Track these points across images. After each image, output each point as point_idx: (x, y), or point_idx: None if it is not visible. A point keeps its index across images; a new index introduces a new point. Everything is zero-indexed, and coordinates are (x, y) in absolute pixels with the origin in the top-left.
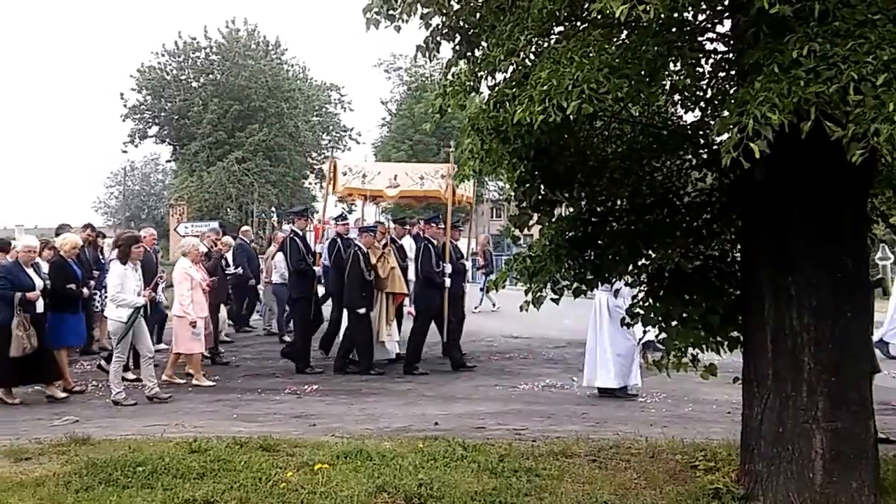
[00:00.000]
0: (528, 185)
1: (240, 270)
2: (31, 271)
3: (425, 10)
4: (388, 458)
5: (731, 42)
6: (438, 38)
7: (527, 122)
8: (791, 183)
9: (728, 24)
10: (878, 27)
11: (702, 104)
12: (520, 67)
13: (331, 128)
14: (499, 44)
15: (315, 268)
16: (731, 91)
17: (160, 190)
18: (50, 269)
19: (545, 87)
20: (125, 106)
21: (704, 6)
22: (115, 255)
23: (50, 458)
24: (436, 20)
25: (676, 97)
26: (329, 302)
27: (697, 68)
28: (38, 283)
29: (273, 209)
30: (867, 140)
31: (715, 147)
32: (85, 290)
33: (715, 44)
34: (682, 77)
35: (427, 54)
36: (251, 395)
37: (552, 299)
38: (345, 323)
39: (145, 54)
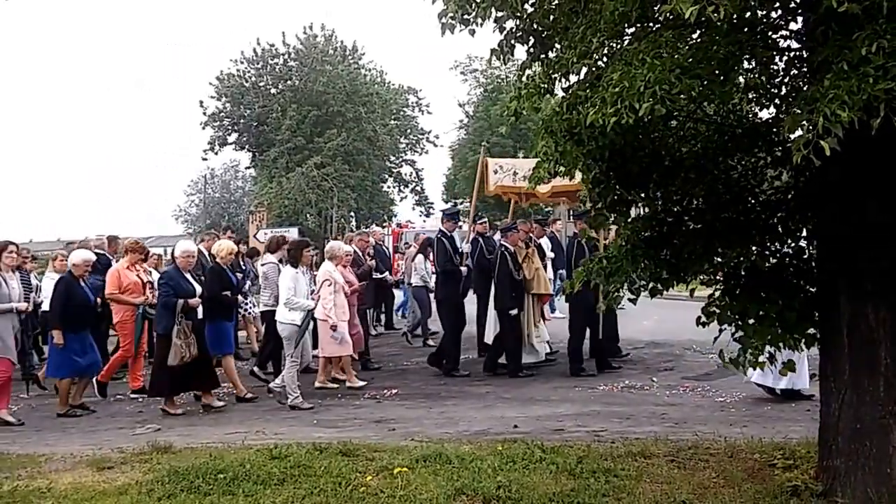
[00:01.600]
0: (603, 185)
1: (387, 274)
2: (189, 277)
3: (499, 14)
4: (467, 461)
5: (804, 39)
6: (512, 41)
7: (600, 124)
8: (866, 178)
9: (800, 21)
10: None
11: (776, 101)
12: (592, 69)
13: (408, 131)
14: (571, 46)
15: (462, 268)
16: (803, 89)
17: (240, 197)
18: (207, 276)
19: (617, 89)
20: (205, 114)
21: (776, 4)
22: (287, 260)
23: (132, 467)
24: (510, 23)
25: (751, 95)
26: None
27: (771, 66)
28: (198, 289)
29: (352, 214)
30: None
31: (788, 145)
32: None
33: (788, 41)
34: (755, 75)
35: (501, 57)
36: (331, 399)
37: (629, 299)
38: (491, 324)
39: (224, 62)
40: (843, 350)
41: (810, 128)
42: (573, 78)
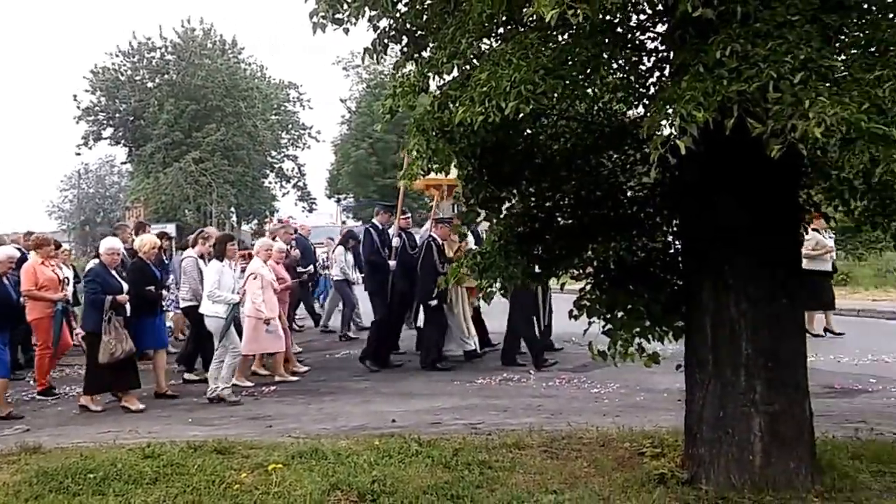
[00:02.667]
0: (475, 182)
1: (311, 269)
2: (115, 273)
3: (372, 13)
4: (343, 457)
5: (665, 42)
6: (386, 41)
7: (468, 123)
8: (728, 176)
9: (664, 24)
10: (796, 28)
11: (644, 101)
12: (462, 69)
13: (290, 126)
14: (442, 46)
15: (390, 262)
16: (660, 90)
17: (116, 192)
18: (129, 272)
19: (485, 89)
20: (79, 108)
21: (639, 8)
22: (212, 254)
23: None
24: (383, 22)
25: (620, 94)
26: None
27: (639, 66)
28: (125, 286)
29: (232, 209)
30: (785, 136)
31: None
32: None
33: (655, 43)
34: (624, 75)
35: (375, 56)
36: (197, 398)
37: (501, 294)
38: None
39: (99, 55)
40: (706, 342)
41: (668, 127)
42: (447, 77)
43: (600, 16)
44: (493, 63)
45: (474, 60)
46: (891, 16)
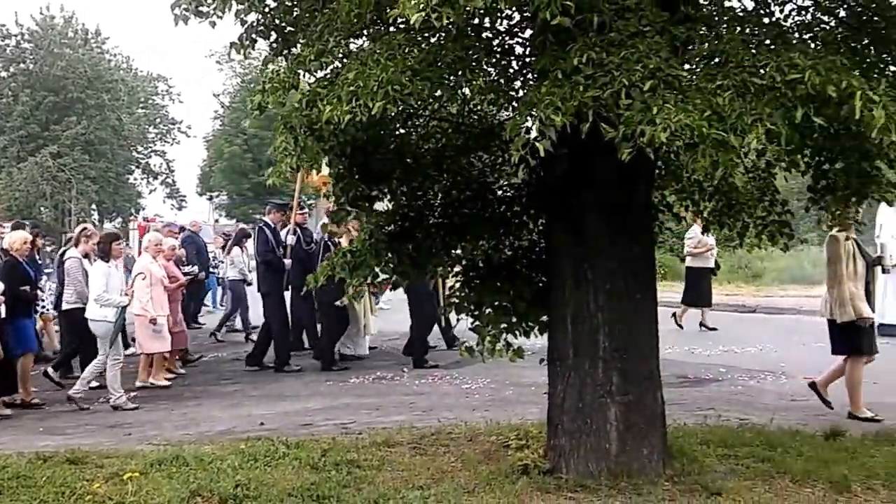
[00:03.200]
0: (345, 181)
1: (195, 269)
2: None
3: (239, 7)
4: (206, 462)
5: (529, 48)
6: (254, 35)
7: (336, 121)
8: (587, 178)
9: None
10: (647, 38)
11: (513, 103)
12: (331, 68)
13: (158, 120)
14: (310, 44)
15: (285, 260)
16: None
17: None
18: (1, 271)
19: (352, 88)
20: None
21: (500, 16)
22: (97, 254)
23: None
24: (251, 17)
25: (490, 96)
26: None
27: (509, 69)
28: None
29: (94, 207)
30: (635, 140)
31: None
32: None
33: (525, 48)
34: (493, 77)
35: (242, 51)
36: (61, 405)
37: (371, 292)
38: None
39: None
40: (567, 336)
41: (526, 130)
42: (319, 74)
43: (465, 20)
44: (362, 63)
45: (343, 59)
46: (737, 30)
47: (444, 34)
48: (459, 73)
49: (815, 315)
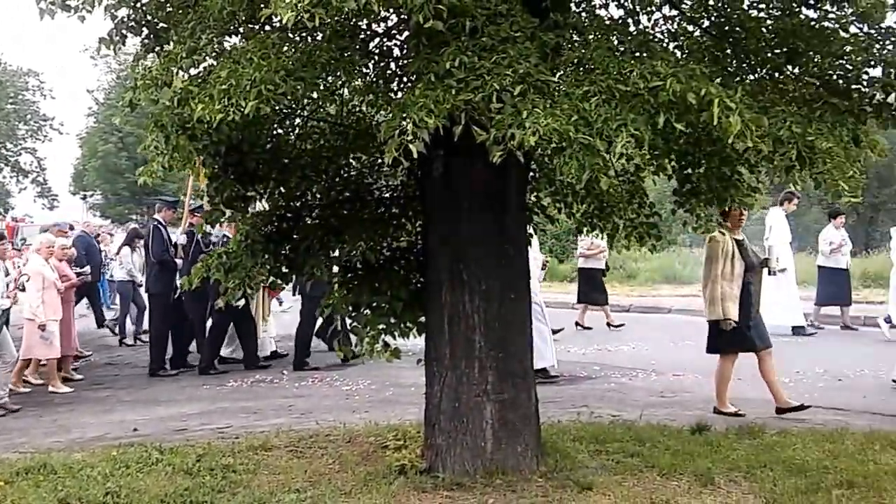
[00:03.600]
0: (220, 181)
1: (87, 270)
2: None
3: (109, 2)
4: (76, 470)
5: (404, 50)
6: (124, 31)
7: (207, 120)
8: (463, 179)
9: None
10: (517, 43)
11: (392, 104)
12: (203, 66)
13: (28, 117)
14: (182, 41)
15: (177, 260)
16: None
17: None
18: None
19: (224, 87)
20: None
21: (376, 18)
22: None
23: None
24: (122, 12)
25: (369, 97)
26: None
27: (387, 71)
28: None
29: None
30: (505, 143)
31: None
32: None
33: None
34: (371, 79)
35: (112, 47)
36: None
37: (246, 294)
38: None
39: None
40: (444, 336)
41: (400, 132)
42: (193, 71)
43: (340, 20)
44: (234, 61)
45: (216, 57)
46: (604, 37)
47: (319, 34)
48: (337, 73)
49: (686, 314)
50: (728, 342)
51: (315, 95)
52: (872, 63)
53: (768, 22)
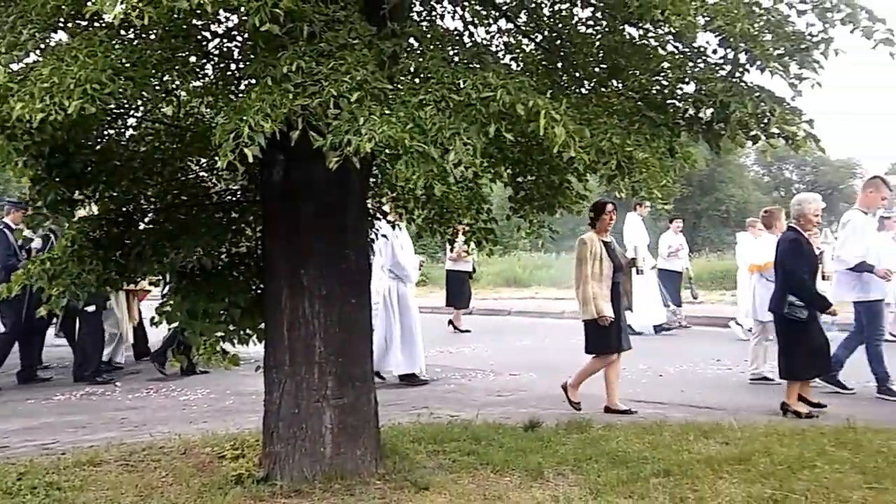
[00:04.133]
0: (44, 183)
1: None
2: None
3: None
4: None
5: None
6: None
7: (27, 119)
8: (304, 184)
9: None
10: (355, 50)
11: (228, 107)
12: (25, 62)
13: None
14: (1, 35)
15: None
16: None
17: None
18: None
19: (46, 85)
20: None
21: (212, 18)
22: None
23: None
24: None
25: (209, 99)
26: None
27: (227, 72)
28: None
29: None
30: (342, 149)
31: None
32: None
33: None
34: (212, 79)
35: None
36: None
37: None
38: None
39: None
40: (284, 342)
41: (236, 136)
42: (14, 67)
43: (172, 19)
44: (58, 58)
45: (39, 54)
46: (439, 48)
47: (153, 33)
48: (175, 73)
49: (524, 316)
50: (605, 342)
51: (147, 95)
52: (686, 80)
53: (596, 38)
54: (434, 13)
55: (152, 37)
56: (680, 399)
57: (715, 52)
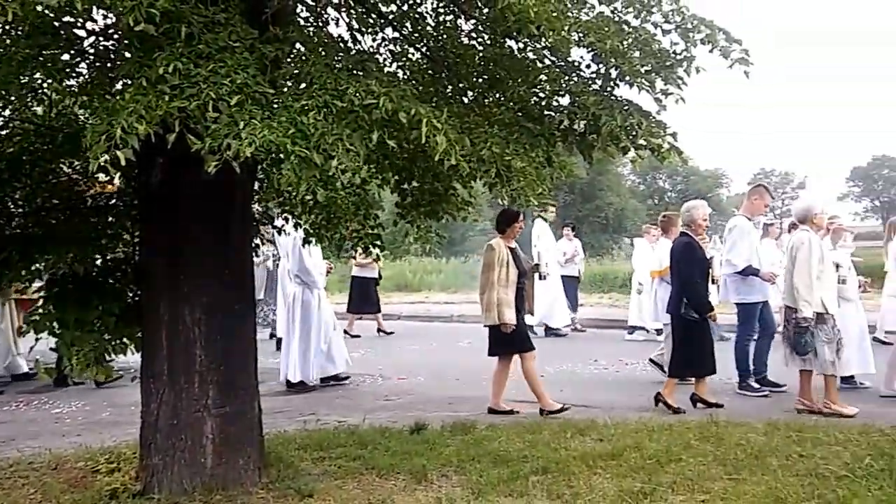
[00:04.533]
0: None
1: None
2: None
3: None
4: None
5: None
6: None
7: None
8: (185, 188)
9: None
10: (236, 53)
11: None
12: None
13: None
14: None
15: None
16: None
17: None
18: None
19: None
20: None
21: (85, 16)
22: None
23: None
24: None
25: (84, 98)
26: None
27: (103, 71)
28: None
29: None
30: (221, 153)
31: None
32: None
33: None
34: (88, 78)
35: None
36: None
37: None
38: None
39: None
40: (162, 351)
41: (107, 138)
42: None
43: (39, 16)
44: None
45: None
46: (323, 54)
47: (19, 29)
48: (43, 71)
49: (414, 320)
50: (505, 345)
51: (12, 94)
52: (561, 93)
53: (478, 50)
54: (321, 19)
55: (20, 33)
56: (559, 398)
57: (588, 66)
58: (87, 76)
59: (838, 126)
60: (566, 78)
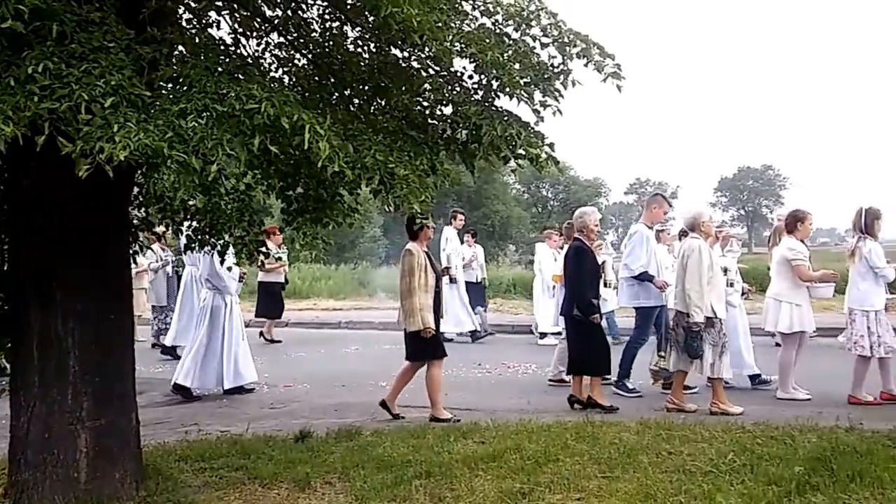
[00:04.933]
0: None
1: None
2: None
3: None
4: None
5: None
6: None
7: None
8: (57, 192)
9: None
10: (111, 54)
11: None
12: None
13: None
14: None
15: None
16: None
17: None
18: None
19: None
20: None
21: None
22: None
23: None
24: None
25: None
26: None
27: None
28: None
29: None
30: (94, 157)
31: None
32: None
33: None
34: None
35: None
36: None
37: None
38: None
39: None
40: (33, 362)
41: None
42: None
43: None
44: None
45: None
46: (202, 57)
47: None
48: None
49: (301, 327)
50: (432, 351)
51: None
52: (444, 102)
53: (363, 58)
54: (203, 22)
55: None
56: (443, 402)
57: (470, 77)
58: None
59: (706, 138)
60: (449, 88)
